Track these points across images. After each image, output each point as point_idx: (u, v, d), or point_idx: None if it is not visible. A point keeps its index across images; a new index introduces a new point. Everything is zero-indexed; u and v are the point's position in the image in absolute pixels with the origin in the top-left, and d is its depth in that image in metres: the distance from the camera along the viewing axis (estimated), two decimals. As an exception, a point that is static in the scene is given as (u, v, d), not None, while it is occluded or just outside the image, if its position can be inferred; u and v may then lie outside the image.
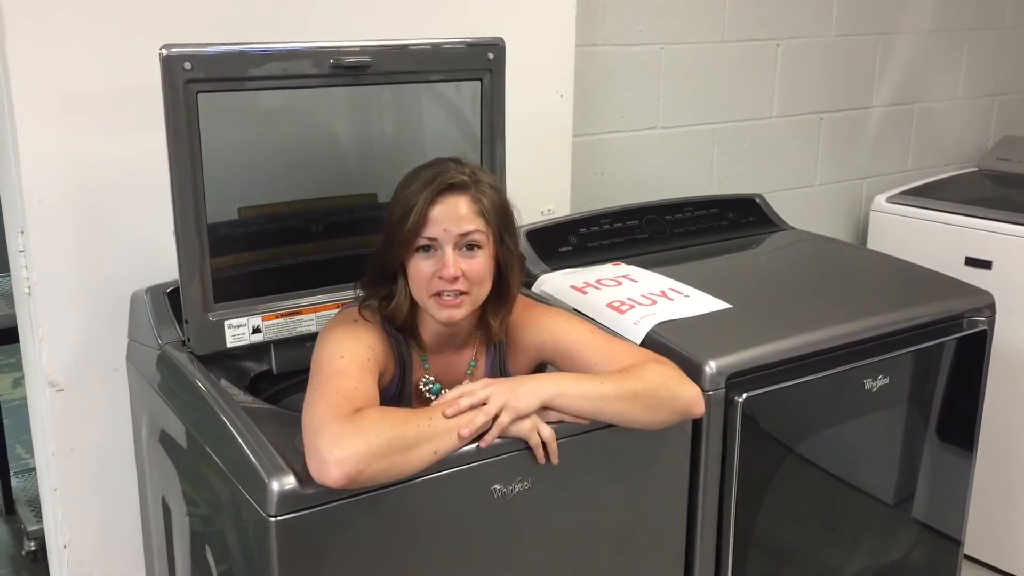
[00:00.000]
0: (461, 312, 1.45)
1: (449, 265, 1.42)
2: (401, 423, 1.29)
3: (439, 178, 1.43)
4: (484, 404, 1.35)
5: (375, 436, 1.24)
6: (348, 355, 1.40)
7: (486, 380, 1.40)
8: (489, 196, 1.46)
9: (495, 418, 1.35)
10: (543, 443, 1.40)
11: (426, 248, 1.44)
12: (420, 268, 1.44)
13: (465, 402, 1.35)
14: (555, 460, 1.41)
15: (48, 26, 1.65)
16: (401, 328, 1.51)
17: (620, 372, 1.46)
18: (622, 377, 1.45)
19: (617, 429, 1.47)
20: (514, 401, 1.37)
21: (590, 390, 1.42)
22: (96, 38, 1.69)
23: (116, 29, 1.70)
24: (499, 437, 1.36)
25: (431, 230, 1.42)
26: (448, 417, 1.33)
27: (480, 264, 1.45)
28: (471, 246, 1.44)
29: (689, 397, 1.49)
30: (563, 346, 1.55)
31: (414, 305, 1.49)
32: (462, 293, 1.44)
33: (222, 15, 1.78)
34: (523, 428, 1.38)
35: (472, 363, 1.58)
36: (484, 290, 1.48)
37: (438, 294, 1.44)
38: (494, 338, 1.56)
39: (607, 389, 1.42)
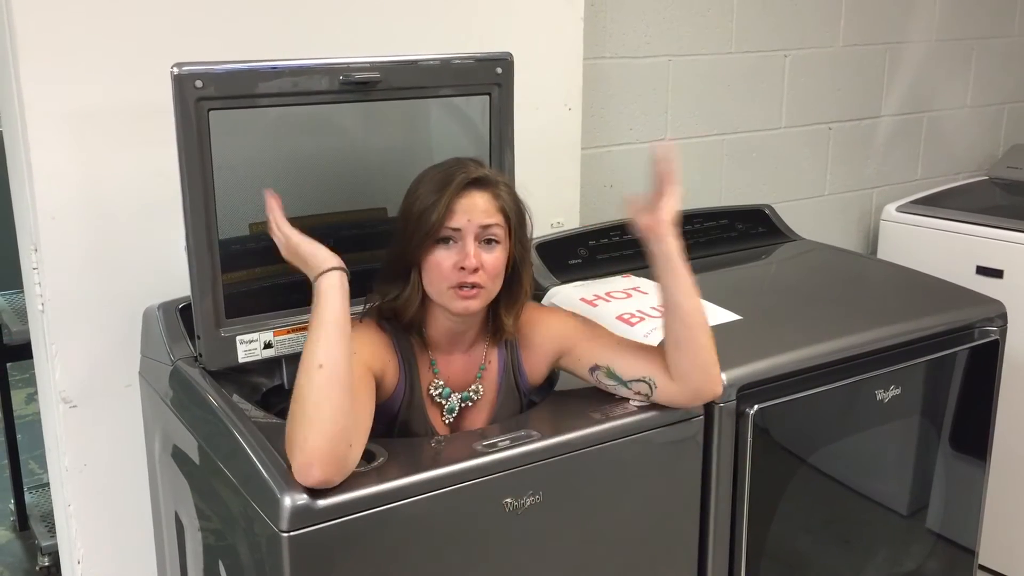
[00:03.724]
0: (477, 303, 1.47)
1: (470, 255, 1.43)
2: (304, 386, 1.30)
3: (462, 173, 1.46)
4: None
5: (308, 422, 1.27)
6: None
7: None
8: (507, 194, 1.50)
9: None
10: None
11: (446, 240, 1.45)
12: (440, 260, 1.45)
13: None
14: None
15: (60, 45, 1.66)
16: (408, 326, 1.52)
17: None
18: None
19: (628, 440, 1.48)
20: None
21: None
22: (108, 56, 1.70)
23: (127, 48, 1.71)
24: None
25: (456, 221, 1.44)
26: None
27: (497, 259, 1.47)
28: (490, 240, 1.46)
29: (719, 371, 1.53)
30: (584, 335, 1.57)
31: (423, 302, 1.50)
32: (478, 286, 1.45)
33: (232, 33, 1.79)
34: None
35: (483, 365, 1.58)
36: (497, 286, 1.50)
37: (458, 286, 1.45)
38: (507, 336, 1.57)
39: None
